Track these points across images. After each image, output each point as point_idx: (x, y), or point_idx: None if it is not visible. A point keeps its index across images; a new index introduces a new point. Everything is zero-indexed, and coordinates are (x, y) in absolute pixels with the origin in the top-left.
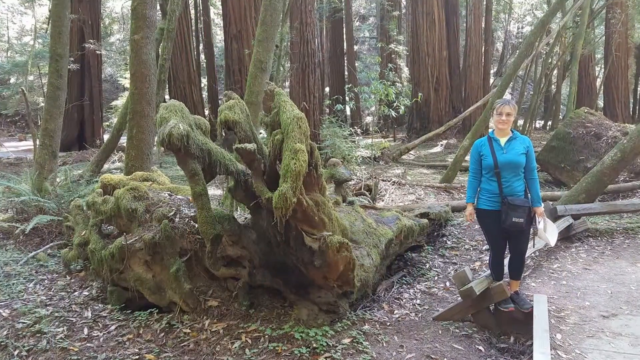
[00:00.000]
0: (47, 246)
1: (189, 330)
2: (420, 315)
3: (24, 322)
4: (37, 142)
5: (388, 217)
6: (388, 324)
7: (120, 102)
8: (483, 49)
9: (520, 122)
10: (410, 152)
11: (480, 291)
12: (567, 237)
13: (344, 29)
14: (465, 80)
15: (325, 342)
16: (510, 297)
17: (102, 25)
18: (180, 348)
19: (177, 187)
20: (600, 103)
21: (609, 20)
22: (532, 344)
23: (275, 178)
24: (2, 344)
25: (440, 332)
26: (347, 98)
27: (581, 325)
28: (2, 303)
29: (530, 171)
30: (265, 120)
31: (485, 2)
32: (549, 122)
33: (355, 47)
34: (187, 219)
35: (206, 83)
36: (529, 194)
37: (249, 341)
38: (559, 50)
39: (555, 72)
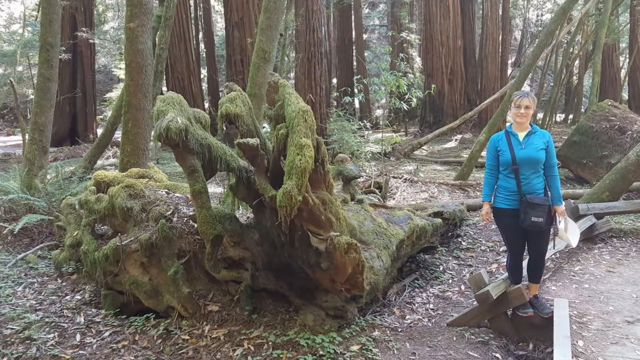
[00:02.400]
0: (37, 247)
1: (188, 337)
2: (433, 320)
3: (13, 328)
4: (27, 137)
5: (399, 217)
6: (399, 330)
7: (114, 94)
8: (500, 37)
9: (540, 115)
10: (423, 147)
11: (497, 295)
12: (589, 237)
13: (353, 17)
14: (481, 71)
15: (333, 349)
16: (529, 302)
17: (95, 12)
18: (179, 355)
19: (175, 184)
20: (625, 95)
21: (634, 7)
22: (552, 351)
23: (280, 175)
24: None
25: (454, 338)
26: (355, 90)
27: (604, 331)
28: None
29: (551, 167)
30: (268, 113)
31: None
32: (570, 116)
33: (365, 36)
34: (185, 219)
35: (206, 74)
36: (549, 192)
37: (252, 348)
38: (580, 39)
39: (576, 62)
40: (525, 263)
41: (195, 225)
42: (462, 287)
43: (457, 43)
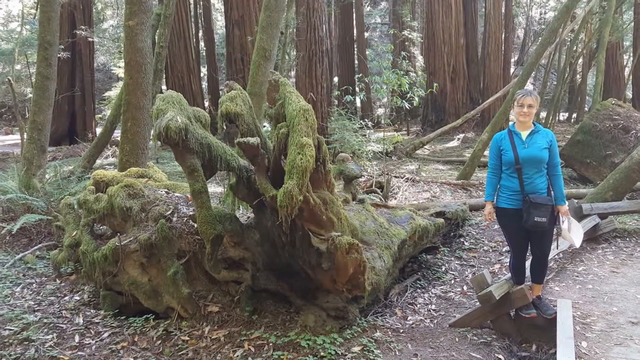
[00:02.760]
0: (36, 247)
1: (188, 338)
2: (435, 321)
3: (11, 329)
4: (25, 136)
5: (401, 217)
6: (401, 330)
7: (113, 92)
8: (503, 36)
9: (543, 114)
10: (425, 146)
11: (500, 296)
12: (593, 237)
13: (354, 15)
14: (484, 70)
15: (334, 350)
16: (532, 303)
17: (94, 10)
18: (179, 357)
19: (175, 184)
20: (629, 94)
21: (638, 5)
22: (555, 353)
23: (280, 174)
24: None
25: (457, 339)
26: (357, 89)
27: (608, 332)
28: None
29: (554, 167)
30: (269, 112)
31: None
32: (574, 115)
33: (366, 34)
34: (185, 219)
35: (206, 72)
36: (552, 192)
37: (252, 349)
38: (584, 38)
39: (580, 60)
40: (528, 263)
41: (195, 225)
42: (465, 287)
43: (459, 41)
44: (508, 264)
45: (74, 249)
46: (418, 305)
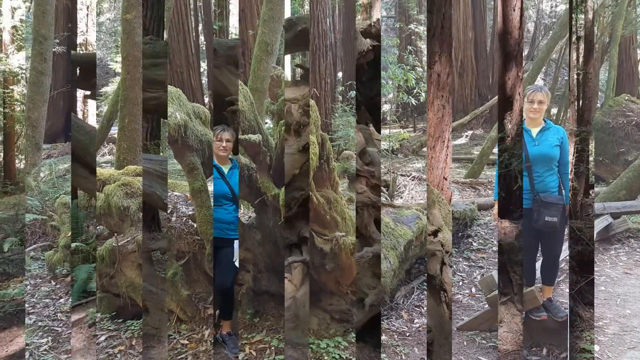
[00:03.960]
0: (30, 248)
1: (187, 341)
2: None
3: None
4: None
5: (407, 216)
6: (407, 334)
7: (110, 88)
8: None
9: (554, 110)
10: None
11: None
12: (605, 238)
13: None
14: (492, 65)
15: (338, 354)
16: (542, 305)
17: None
18: None
19: (174, 182)
20: None
21: None
22: (566, 357)
23: (283, 173)
24: None
25: (465, 343)
26: None
27: (621, 335)
28: None
29: (565, 165)
30: (271, 108)
31: None
32: None
33: None
34: (184, 218)
35: (206, 67)
36: (563, 191)
37: (254, 353)
38: (596, 31)
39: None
40: (538, 265)
41: (195, 225)
42: (473, 289)
43: (467, 35)
44: None
45: (70, 249)
46: (425, 308)
